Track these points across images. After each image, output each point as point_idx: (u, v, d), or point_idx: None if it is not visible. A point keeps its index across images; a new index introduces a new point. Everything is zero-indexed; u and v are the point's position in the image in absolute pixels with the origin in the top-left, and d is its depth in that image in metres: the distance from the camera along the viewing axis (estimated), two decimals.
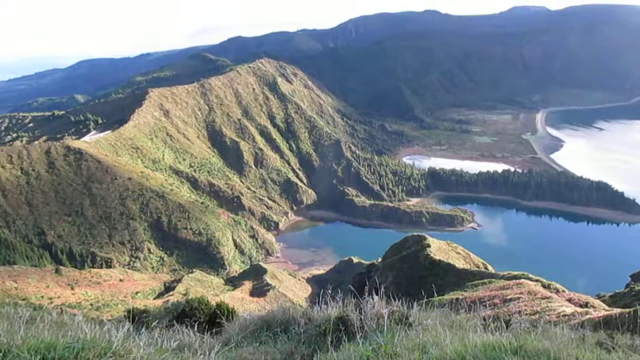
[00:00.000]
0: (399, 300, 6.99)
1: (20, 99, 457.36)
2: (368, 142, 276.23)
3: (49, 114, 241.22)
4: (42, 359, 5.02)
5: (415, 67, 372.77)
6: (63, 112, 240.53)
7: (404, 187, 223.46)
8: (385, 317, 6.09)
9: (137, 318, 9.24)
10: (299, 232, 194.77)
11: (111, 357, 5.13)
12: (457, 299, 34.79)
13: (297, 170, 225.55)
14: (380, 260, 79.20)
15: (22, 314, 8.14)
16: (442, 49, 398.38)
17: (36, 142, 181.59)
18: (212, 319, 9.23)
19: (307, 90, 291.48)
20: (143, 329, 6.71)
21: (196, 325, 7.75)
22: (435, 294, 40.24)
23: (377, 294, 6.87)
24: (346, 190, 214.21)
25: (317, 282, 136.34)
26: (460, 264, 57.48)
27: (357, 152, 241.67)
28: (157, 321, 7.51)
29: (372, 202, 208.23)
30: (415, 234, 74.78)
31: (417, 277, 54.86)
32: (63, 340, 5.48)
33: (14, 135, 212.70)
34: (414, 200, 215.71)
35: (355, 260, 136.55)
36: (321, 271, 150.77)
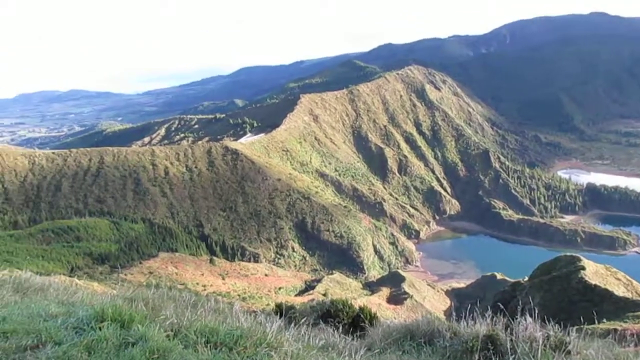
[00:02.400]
0: (550, 324, 6.54)
1: (188, 102, 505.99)
2: (519, 153, 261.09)
3: (212, 116, 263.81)
4: (206, 342, 5.52)
5: (576, 74, 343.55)
6: (223, 115, 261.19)
7: (558, 203, 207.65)
8: (540, 342, 5.73)
9: (285, 313, 9.68)
10: (440, 242, 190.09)
11: (266, 347, 5.46)
12: (615, 330, 31.53)
13: (442, 179, 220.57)
14: (526, 279, 74.44)
15: (187, 299, 8.99)
16: (610, 54, 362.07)
17: (200, 142, 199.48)
18: (355, 321, 9.39)
19: (455, 97, 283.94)
20: (292, 325, 7.05)
21: (340, 327, 7.94)
22: (589, 322, 36.82)
23: (522, 315, 6.51)
24: (493, 202, 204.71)
25: (456, 296, 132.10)
26: (619, 291, 51.92)
27: (507, 163, 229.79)
28: (304, 318, 7.83)
29: (521, 216, 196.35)
30: (568, 254, 69.17)
31: (567, 302, 50.65)
32: (224, 326, 5.97)
33: (182, 135, 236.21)
34: (568, 218, 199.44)
35: (498, 276, 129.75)
36: (461, 285, 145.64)
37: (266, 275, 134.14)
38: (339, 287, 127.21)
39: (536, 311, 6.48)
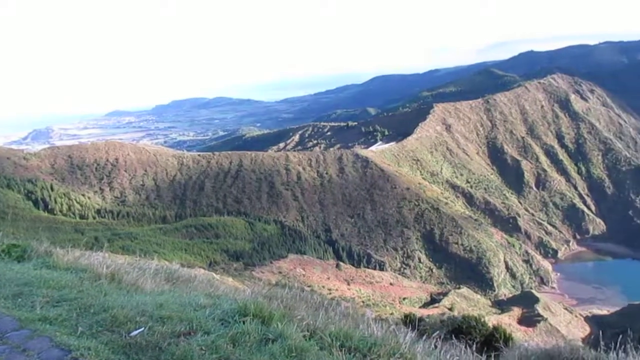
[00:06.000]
0: None
1: (322, 110, 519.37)
2: None
3: (344, 124, 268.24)
4: (341, 346, 5.64)
5: None
6: (355, 123, 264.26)
7: None
8: None
9: (414, 324, 9.58)
10: (581, 264, 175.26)
11: (399, 358, 5.46)
12: None
13: (585, 197, 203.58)
14: None
15: (317, 301, 9.25)
16: None
17: (331, 149, 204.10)
18: (488, 340, 9.04)
19: (604, 108, 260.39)
20: (423, 337, 6.96)
21: (474, 345, 7.69)
22: None
23: None
24: None
25: (597, 323, 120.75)
26: None
27: None
28: (437, 332, 7.70)
29: None
30: None
31: None
32: (358, 332, 6.07)
33: (315, 141, 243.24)
34: None
35: None
36: (603, 312, 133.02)
37: (391, 284, 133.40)
38: (466, 303, 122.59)
39: None
